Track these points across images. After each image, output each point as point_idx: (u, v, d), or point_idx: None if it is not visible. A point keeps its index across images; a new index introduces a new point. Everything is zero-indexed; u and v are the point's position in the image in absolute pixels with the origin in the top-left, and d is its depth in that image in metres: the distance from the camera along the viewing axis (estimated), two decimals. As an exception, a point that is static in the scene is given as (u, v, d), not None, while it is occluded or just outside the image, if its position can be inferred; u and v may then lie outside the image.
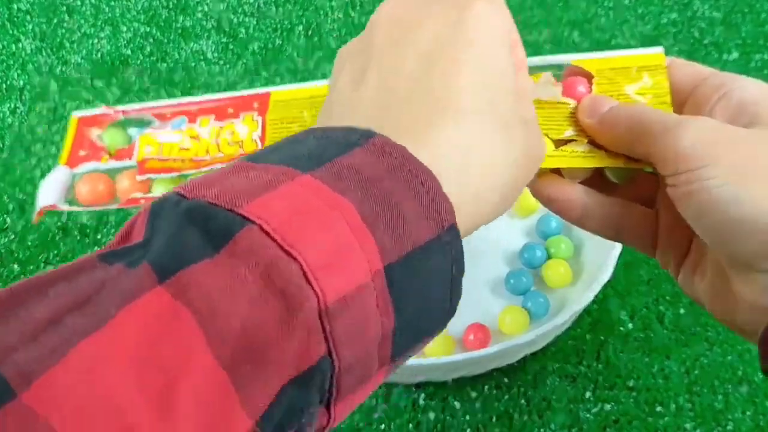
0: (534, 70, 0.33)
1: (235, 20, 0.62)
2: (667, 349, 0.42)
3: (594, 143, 0.31)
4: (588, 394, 0.41)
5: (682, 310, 0.44)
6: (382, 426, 0.40)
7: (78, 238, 0.48)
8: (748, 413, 0.40)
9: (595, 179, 0.31)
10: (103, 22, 0.61)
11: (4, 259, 0.47)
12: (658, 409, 0.40)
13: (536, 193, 0.31)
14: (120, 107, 0.36)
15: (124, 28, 0.61)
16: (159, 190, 0.34)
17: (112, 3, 0.63)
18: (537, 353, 0.42)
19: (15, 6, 0.63)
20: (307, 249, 0.17)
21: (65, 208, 0.35)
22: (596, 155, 0.31)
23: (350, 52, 0.25)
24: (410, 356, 0.21)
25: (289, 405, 0.18)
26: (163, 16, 0.62)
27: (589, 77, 0.32)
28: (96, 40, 0.60)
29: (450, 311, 0.22)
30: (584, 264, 0.44)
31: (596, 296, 0.44)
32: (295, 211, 0.18)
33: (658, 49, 0.31)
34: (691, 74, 0.30)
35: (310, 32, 0.61)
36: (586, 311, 0.44)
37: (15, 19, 0.62)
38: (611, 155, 0.30)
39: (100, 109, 0.36)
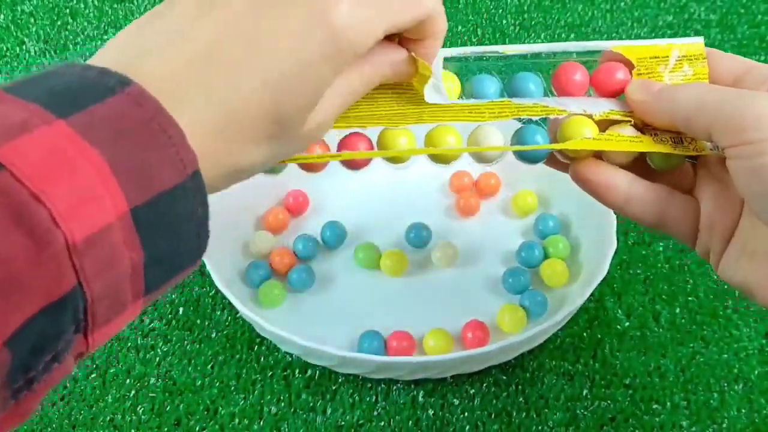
0: (567, 56, 0.32)
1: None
2: (663, 348, 0.43)
3: (639, 127, 0.31)
4: (585, 392, 0.41)
5: (677, 309, 0.45)
6: (382, 423, 0.40)
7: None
8: (743, 411, 0.40)
9: (635, 165, 0.31)
10: (106, 25, 0.62)
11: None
12: (655, 406, 0.41)
13: (577, 177, 0.31)
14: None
15: (127, 31, 0.62)
16: None
17: (116, 5, 0.63)
18: (535, 351, 0.43)
19: (19, 8, 0.63)
20: (56, 195, 0.19)
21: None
22: (643, 140, 0.30)
23: None
24: (165, 290, 0.23)
25: (42, 331, 0.19)
26: (166, 19, 0.63)
27: (628, 65, 0.32)
28: (99, 42, 0.61)
29: (199, 249, 0.24)
30: (581, 263, 0.45)
31: (593, 295, 0.44)
32: (47, 158, 0.19)
33: (699, 39, 0.31)
34: (731, 66, 0.30)
35: (310, 35, 0.62)
36: (583, 310, 0.44)
37: (19, 21, 0.62)
38: (657, 140, 0.30)
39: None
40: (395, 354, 0.41)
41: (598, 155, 0.31)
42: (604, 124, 0.31)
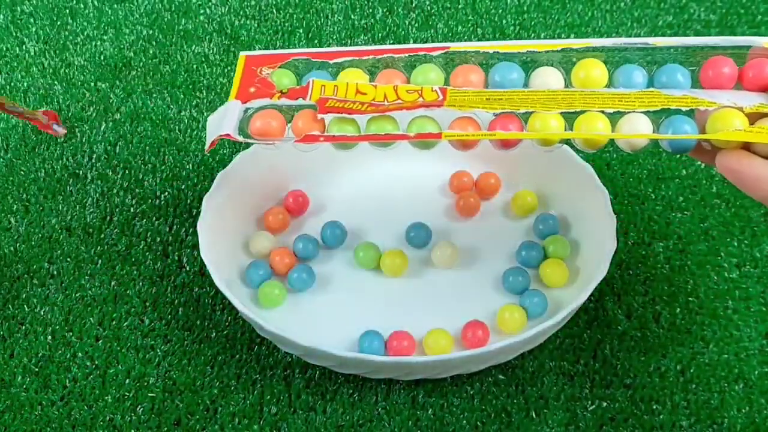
0: (714, 50, 0.33)
1: (237, 23, 0.62)
2: (663, 348, 0.43)
3: None
4: (585, 392, 0.41)
5: (677, 309, 0.45)
6: (382, 423, 0.40)
7: (82, 237, 0.48)
8: (743, 411, 0.40)
9: None
10: (106, 25, 0.62)
11: (8, 258, 0.47)
12: (655, 407, 0.41)
13: (724, 168, 0.31)
14: (290, 51, 0.36)
15: (127, 31, 0.62)
16: (335, 130, 0.35)
17: (115, 6, 0.63)
18: (534, 351, 0.43)
19: (19, 9, 0.63)
20: None
21: (240, 138, 0.35)
22: None
23: None
24: None
25: None
26: (166, 19, 0.62)
27: None
28: (99, 43, 0.61)
29: None
30: (581, 263, 0.45)
31: (593, 295, 0.44)
32: None
33: None
34: None
35: (310, 35, 0.62)
36: (583, 310, 0.44)
37: (19, 21, 0.62)
38: None
39: (268, 51, 0.36)
40: (395, 354, 0.41)
41: (746, 146, 0.31)
42: (753, 117, 0.31)
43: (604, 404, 0.41)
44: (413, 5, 0.64)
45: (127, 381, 0.42)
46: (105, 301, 0.45)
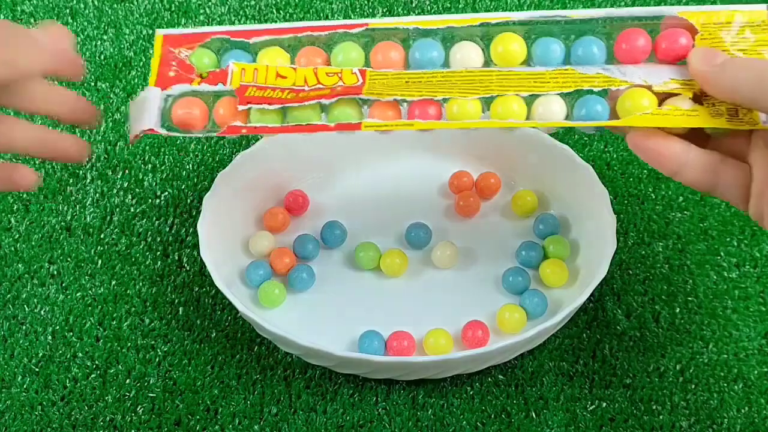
0: (631, 21, 0.33)
1: (237, 23, 0.62)
2: (663, 348, 0.43)
3: (697, 96, 0.32)
4: (585, 393, 0.41)
5: (677, 309, 0.45)
6: (382, 423, 0.40)
7: (82, 237, 0.48)
8: (743, 411, 0.40)
9: (690, 131, 0.32)
10: (106, 25, 0.62)
11: (9, 258, 0.47)
12: (654, 407, 0.41)
13: (634, 145, 0.32)
14: (209, 28, 0.36)
15: (127, 31, 0.62)
16: (258, 120, 0.34)
17: (115, 5, 0.63)
18: (534, 352, 0.43)
19: (19, 8, 0.63)
20: None
21: (163, 132, 0.35)
22: (699, 113, 0.32)
23: None
24: None
25: None
26: (166, 19, 0.62)
27: (691, 30, 0.33)
28: (99, 42, 0.61)
29: None
30: (581, 263, 0.45)
31: (593, 295, 0.44)
32: None
33: (762, 7, 0.32)
34: None
35: (310, 35, 0.62)
36: (583, 310, 0.44)
37: (19, 21, 0.62)
38: (714, 113, 0.32)
39: (186, 29, 0.35)
40: (395, 354, 0.41)
41: None
42: (663, 95, 0.32)
43: (604, 404, 0.41)
44: (413, 5, 0.64)
45: (128, 381, 0.42)
46: (105, 301, 0.45)
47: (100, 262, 0.47)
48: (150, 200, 0.50)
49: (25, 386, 0.42)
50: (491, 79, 0.34)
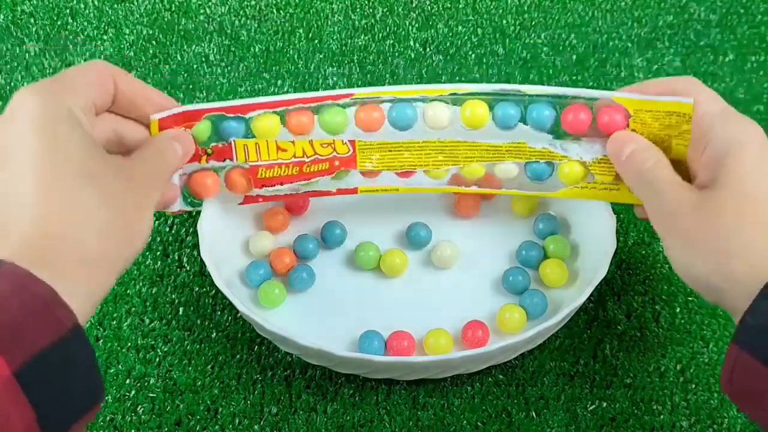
0: (572, 99, 0.40)
1: (237, 23, 0.62)
2: (663, 348, 0.43)
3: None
4: (585, 392, 0.41)
5: (677, 309, 0.45)
6: (382, 423, 0.40)
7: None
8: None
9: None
10: (106, 25, 0.62)
11: (9, 258, 0.47)
12: (655, 407, 0.41)
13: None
14: (199, 106, 0.40)
15: (127, 31, 0.62)
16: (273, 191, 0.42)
17: (115, 6, 0.63)
18: (534, 352, 0.43)
19: (19, 9, 0.63)
20: None
21: (188, 208, 0.42)
22: (621, 190, 0.40)
23: None
24: (79, 429, 0.25)
25: None
26: (166, 19, 0.62)
27: (625, 113, 0.39)
28: (99, 43, 0.61)
29: (95, 389, 0.26)
30: (581, 263, 0.45)
31: (593, 295, 0.44)
32: None
33: (689, 100, 0.37)
34: (709, 113, 0.36)
35: (310, 35, 0.62)
36: (583, 310, 0.44)
37: (19, 21, 0.62)
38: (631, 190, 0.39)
39: (178, 109, 0.39)
40: (395, 354, 0.41)
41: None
42: (595, 167, 0.40)
43: (605, 404, 0.41)
44: (413, 5, 0.64)
45: (128, 381, 0.42)
46: (105, 301, 0.45)
47: (100, 262, 0.47)
48: (150, 200, 0.50)
49: (25, 386, 0.42)
50: (459, 150, 0.41)
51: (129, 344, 0.43)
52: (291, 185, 0.41)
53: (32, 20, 0.63)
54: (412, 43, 0.61)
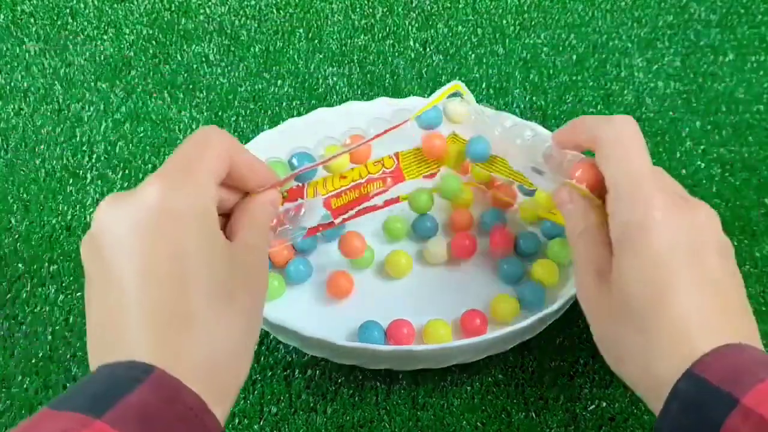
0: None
1: (237, 23, 0.62)
2: (663, 348, 0.43)
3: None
4: (585, 392, 0.41)
5: (677, 309, 0.45)
6: (382, 423, 0.40)
7: (82, 237, 0.48)
8: (742, 411, 0.40)
9: None
10: (106, 25, 0.62)
11: (9, 258, 0.47)
12: (654, 406, 0.41)
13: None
14: (291, 174, 0.40)
15: (127, 31, 0.62)
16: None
17: (115, 5, 0.63)
18: (534, 351, 0.43)
19: (19, 8, 0.63)
20: None
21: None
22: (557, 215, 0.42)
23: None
24: None
25: None
26: (166, 19, 0.63)
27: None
28: (99, 42, 0.61)
29: None
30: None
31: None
32: None
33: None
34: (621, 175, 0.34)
35: (310, 35, 0.62)
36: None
37: (19, 21, 0.63)
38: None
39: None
40: (395, 342, 0.41)
41: None
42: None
43: (604, 404, 0.41)
44: (413, 5, 0.64)
45: (128, 381, 0.42)
46: (105, 301, 0.45)
47: (100, 262, 0.47)
48: (150, 200, 0.50)
49: (25, 386, 0.42)
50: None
51: (129, 344, 0.43)
52: (358, 207, 0.43)
53: (32, 20, 0.63)
54: (412, 43, 0.61)
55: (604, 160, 0.33)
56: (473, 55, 0.60)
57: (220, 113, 0.56)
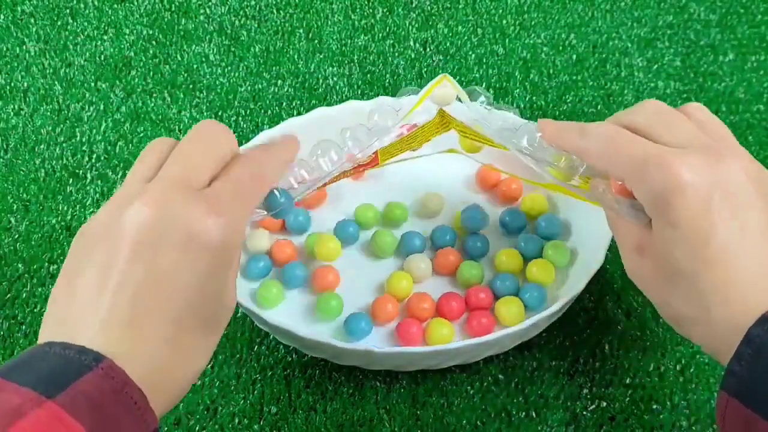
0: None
1: (237, 23, 0.62)
2: (663, 347, 0.43)
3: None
4: (585, 392, 0.41)
5: (677, 309, 0.45)
6: (382, 422, 0.40)
7: (81, 237, 0.48)
8: (742, 410, 0.40)
9: None
10: (106, 25, 0.62)
11: (8, 258, 0.47)
12: (654, 406, 0.41)
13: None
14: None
15: (127, 31, 0.62)
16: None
17: (115, 6, 0.63)
18: (534, 351, 0.43)
19: (19, 9, 0.63)
20: None
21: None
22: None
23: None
24: None
25: None
26: (166, 19, 0.63)
27: None
28: (99, 43, 0.61)
29: None
30: (577, 252, 0.45)
31: (593, 295, 0.44)
32: None
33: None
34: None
35: (310, 35, 0.62)
36: (583, 310, 0.44)
37: (19, 21, 0.63)
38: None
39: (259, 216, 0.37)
40: (405, 342, 0.41)
41: None
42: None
43: (604, 404, 0.41)
44: (413, 5, 0.64)
45: (127, 380, 0.42)
46: (105, 300, 0.45)
47: (100, 261, 0.47)
48: (150, 200, 0.50)
49: (24, 386, 0.42)
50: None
51: (129, 344, 0.43)
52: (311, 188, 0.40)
53: (32, 20, 0.63)
54: (412, 43, 0.61)
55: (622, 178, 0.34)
56: (473, 55, 0.60)
57: (220, 113, 0.56)
